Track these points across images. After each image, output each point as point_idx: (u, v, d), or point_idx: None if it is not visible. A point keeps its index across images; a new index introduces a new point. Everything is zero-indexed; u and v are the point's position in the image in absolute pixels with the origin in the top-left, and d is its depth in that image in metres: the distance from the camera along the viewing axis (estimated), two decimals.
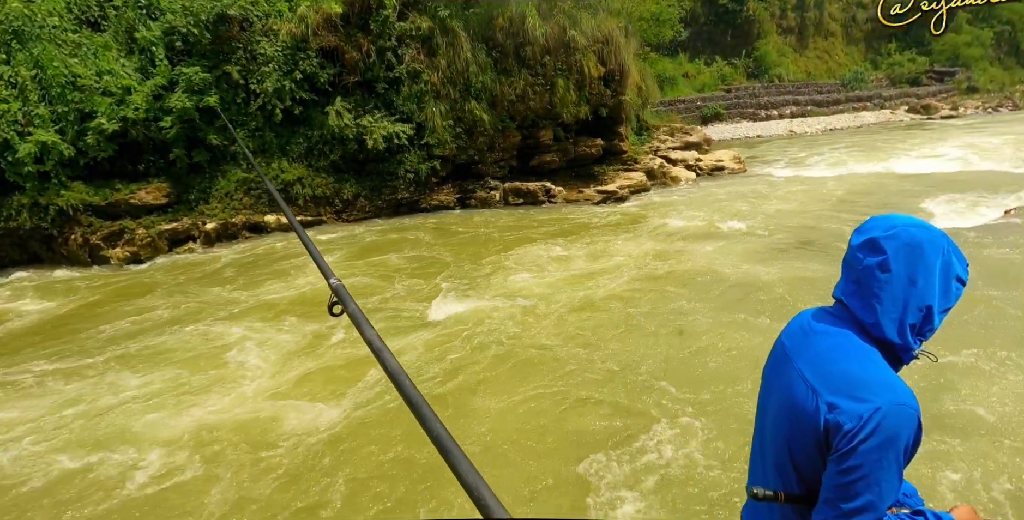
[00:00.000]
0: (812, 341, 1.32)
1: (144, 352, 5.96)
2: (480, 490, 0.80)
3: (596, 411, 4.45)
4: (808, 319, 1.39)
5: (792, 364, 1.32)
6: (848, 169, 15.53)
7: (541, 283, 7.35)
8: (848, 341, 1.25)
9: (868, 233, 1.28)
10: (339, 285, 1.38)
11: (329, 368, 5.35)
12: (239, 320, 6.65)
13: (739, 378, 4.73)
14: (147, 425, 4.51)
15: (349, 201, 12.00)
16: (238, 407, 4.71)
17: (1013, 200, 10.30)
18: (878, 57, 41.07)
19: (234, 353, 5.73)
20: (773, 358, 1.45)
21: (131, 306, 7.49)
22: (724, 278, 7.11)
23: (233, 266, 9.28)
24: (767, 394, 1.43)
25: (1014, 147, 17.06)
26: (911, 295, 1.21)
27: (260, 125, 11.50)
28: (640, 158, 15.08)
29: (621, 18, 15.23)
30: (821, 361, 1.26)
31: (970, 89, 39.00)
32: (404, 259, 8.91)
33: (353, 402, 4.72)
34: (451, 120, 12.39)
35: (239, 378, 5.22)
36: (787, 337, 1.42)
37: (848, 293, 1.30)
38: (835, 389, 1.18)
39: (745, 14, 34.13)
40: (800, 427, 1.23)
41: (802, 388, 1.25)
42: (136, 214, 10.37)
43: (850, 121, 30.63)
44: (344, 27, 11.96)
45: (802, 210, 10.71)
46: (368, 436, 4.25)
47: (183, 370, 5.44)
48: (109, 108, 9.96)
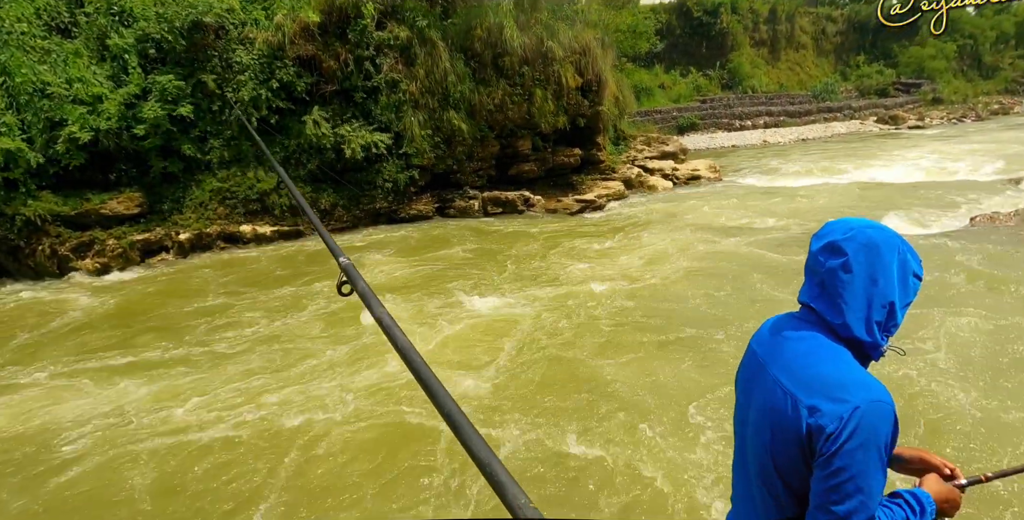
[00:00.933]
0: (784, 346, 1.33)
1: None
2: (493, 465, 0.80)
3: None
4: (776, 325, 1.41)
5: (767, 371, 1.33)
6: (820, 179, 15.85)
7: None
8: (819, 343, 1.27)
9: (827, 237, 1.31)
10: (348, 264, 1.37)
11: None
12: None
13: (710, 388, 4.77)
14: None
15: (327, 210, 11.90)
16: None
17: (980, 208, 10.60)
18: (847, 69, 42.16)
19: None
20: (746, 366, 1.45)
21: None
22: (756, 265, 7.19)
23: (283, 263, 9.13)
24: (745, 403, 1.43)
25: (979, 156, 17.58)
26: (874, 293, 1.25)
27: (236, 134, 11.36)
28: (618, 167, 15.23)
29: (598, 30, 15.43)
30: (796, 366, 1.27)
31: (935, 100, 40.19)
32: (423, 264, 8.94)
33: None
34: (429, 129, 12.38)
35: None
36: (757, 344, 1.43)
37: (813, 296, 1.32)
38: (813, 392, 1.20)
39: (719, 27, 34.81)
40: (782, 434, 1.24)
41: (780, 394, 1.26)
42: (107, 224, 10.14)
43: (822, 131, 31.31)
44: (322, 36, 11.92)
45: (774, 216, 10.88)
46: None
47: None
48: (80, 117, 9.74)
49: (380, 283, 8.07)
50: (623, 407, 4.59)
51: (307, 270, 9.13)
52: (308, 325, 6.63)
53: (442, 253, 9.72)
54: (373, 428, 4.45)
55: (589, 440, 4.18)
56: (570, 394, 4.85)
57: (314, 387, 5.13)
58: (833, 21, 42.74)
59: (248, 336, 6.43)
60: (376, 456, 4.11)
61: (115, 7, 10.96)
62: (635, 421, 4.39)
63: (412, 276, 8.41)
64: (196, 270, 9.59)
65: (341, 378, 5.26)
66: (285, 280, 8.61)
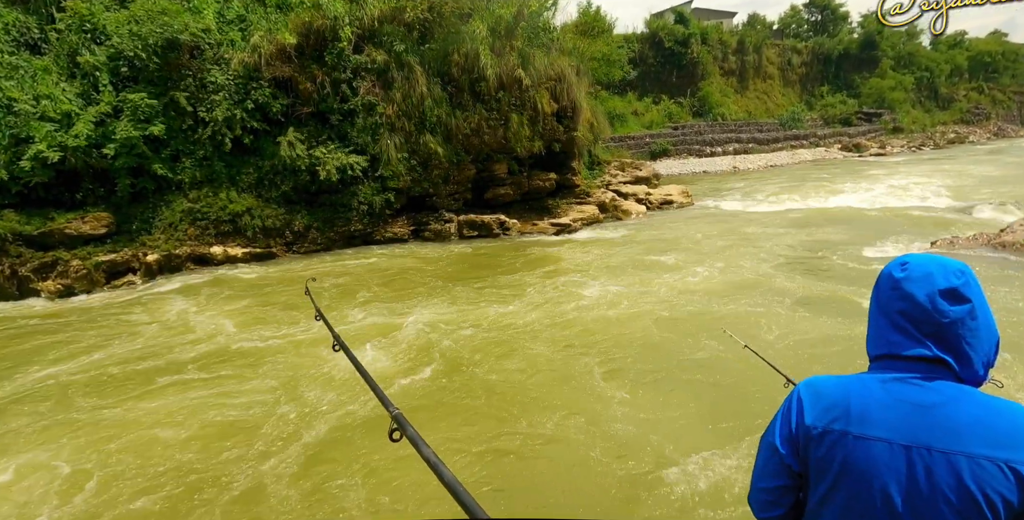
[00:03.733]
0: (941, 415, 1.12)
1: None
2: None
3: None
4: (881, 400, 1.17)
5: (935, 452, 1.10)
6: (787, 205, 16.27)
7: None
8: (972, 395, 1.15)
9: (940, 283, 1.17)
10: (399, 414, 1.45)
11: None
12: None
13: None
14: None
15: (300, 232, 11.76)
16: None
17: (940, 232, 10.95)
18: (812, 98, 43.75)
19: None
20: (870, 464, 1.14)
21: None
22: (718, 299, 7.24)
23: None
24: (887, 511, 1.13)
25: (939, 182, 18.27)
26: (992, 334, 1.20)
27: (209, 154, 11.22)
28: (592, 192, 15.42)
29: (573, 57, 15.73)
30: (979, 429, 1.09)
31: (896, 129, 41.87)
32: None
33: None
34: (406, 152, 12.40)
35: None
36: (885, 431, 1.14)
37: (938, 349, 1.16)
38: (1016, 445, 1.07)
39: (690, 56, 35.88)
40: (994, 511, 1.07)
41: (977, 469, 1.07)
42: (72, 245, 9.86)
43: (788, 158, 32.26)
44: (298, 58, 11.93)
45: (745, 241, 11.09)
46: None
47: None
48: (48, 135, 9.53)
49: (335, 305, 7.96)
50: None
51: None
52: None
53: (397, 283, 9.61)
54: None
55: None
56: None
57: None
58: (798, 53, 44.45)
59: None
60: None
61: (87, 24, 10.83)
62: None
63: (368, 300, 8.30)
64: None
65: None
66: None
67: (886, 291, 1.24)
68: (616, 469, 3.95)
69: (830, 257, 9.60)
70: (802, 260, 9.54)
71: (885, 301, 1.24)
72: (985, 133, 46.47)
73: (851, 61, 45.76)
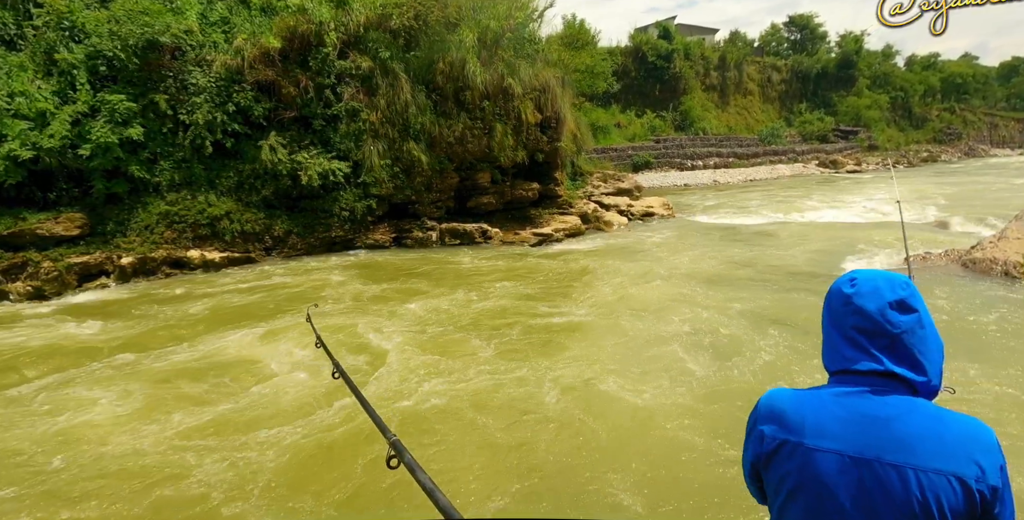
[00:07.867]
0: (893, 428, 1.13)
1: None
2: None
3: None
4: (833, 411, 1.19)
5: (886, 464, 1.11)
6: (766, 218, 16.51)
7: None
8: (924, 408, 1.16)
9: (888, 295, 1.20)
10: (396, 440, 1.48)
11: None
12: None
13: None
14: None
15: (280, 237, 11.62)
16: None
17: (913, 248, 11.17)
18: (791, 115, 44.60)
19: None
20: (822, 475, 1.16)
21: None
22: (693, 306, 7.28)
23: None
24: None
25: (913, 199, 18.65)
26: (938, 340, 1.23)
27: (188, 156, 11.05)
28: (575, 202, 15.49)
29: (558, 69, 15.86)
30: (929, 442, 1.11)
31: (871, 147, 42.87)
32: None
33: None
34: (389, 159, 12.35)
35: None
36: (838, 443, 1.16)
37: (889, 361, 1.18)
38: (964, 460, 1.09)
39: (672, 71, 36.44)
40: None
41: (926, 481, 1.08)
42: (43, 246, 9.61)
43: (768, 173, 32.80)
44: (282, 62, 11.86)
45: (722, 255, 11.20)
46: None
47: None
48: (22, 133, 9.31)
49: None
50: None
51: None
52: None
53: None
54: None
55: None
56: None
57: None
58: (778, 70, 45.38)
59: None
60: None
61: (66, 22, 10.61)
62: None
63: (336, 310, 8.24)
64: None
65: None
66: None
67: (838, 307, 1.27)
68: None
69: (804, 271, 9.73)
70: (774, 272, 9.65)
71: (838, 317, 1.26)
72: (956, 152, 47.74)
73: (829, 79, 46.80)
